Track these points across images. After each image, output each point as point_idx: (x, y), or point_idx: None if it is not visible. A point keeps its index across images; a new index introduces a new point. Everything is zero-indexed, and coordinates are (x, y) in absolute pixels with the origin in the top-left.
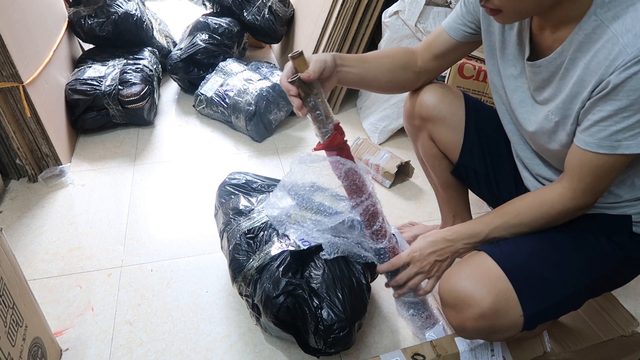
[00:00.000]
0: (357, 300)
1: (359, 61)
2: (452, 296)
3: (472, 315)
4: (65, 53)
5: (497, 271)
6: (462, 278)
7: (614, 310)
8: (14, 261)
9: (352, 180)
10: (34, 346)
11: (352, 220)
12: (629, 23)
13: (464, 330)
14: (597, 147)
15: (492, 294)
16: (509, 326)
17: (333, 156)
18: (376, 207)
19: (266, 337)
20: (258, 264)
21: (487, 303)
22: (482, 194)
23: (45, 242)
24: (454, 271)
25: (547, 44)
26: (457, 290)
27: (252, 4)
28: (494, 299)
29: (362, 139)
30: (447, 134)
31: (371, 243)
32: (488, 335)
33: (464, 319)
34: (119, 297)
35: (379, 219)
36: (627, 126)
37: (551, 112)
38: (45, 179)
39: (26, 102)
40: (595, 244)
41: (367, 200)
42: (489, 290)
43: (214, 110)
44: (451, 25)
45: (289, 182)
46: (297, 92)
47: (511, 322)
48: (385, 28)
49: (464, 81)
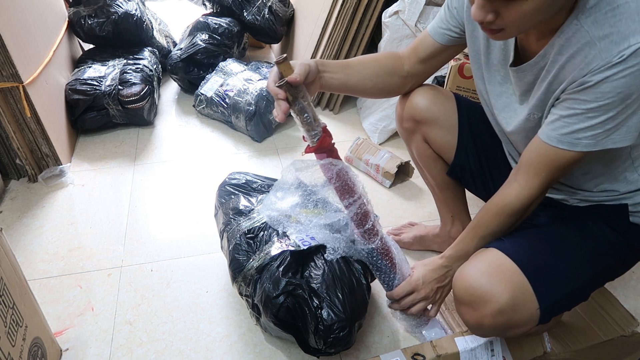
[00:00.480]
0: (357, 300)
1: (341, 67)
2: (469, 294)
3: (490, 312)
4: (65, 53)
5: (511, 265)
6: (478, 275)
7: (614, 310)
8: (14, 261)
9: (344, 181)
10: (34, 346)
11: (346, 219)
12: (607, 30)
13: (481, 328)
14: (557, 142)
15: (509, 289)
16: (526, 320)
17: (324, 158)
18: (367, 207)
19: (266, 337)
20: (258, 264)
21: (505, 298)
22: (479, 192)
23: (45, 242)
24: (468, 268)
25: (532, 49)
26: (473, 287)
27: (252, 4)
28: (511, 294)
29: (362, 139)
30: (441, 135)
31: (363, 243)
32: (505, 331)
33: (481, 316)
34: (119, 297)
35: (370, 218)
36: (590, 126)
37: (532, 113)
38: (45, 179)
39: (26, 102)
40: (599, 233)
41: (358, 200)
42: (505, 285)
43: (214, 110)
44: (435, 29)
45: (283, 184)
46: (285, 95)
47: (528, 316)
48: (385, 28)
49: (464, 81)
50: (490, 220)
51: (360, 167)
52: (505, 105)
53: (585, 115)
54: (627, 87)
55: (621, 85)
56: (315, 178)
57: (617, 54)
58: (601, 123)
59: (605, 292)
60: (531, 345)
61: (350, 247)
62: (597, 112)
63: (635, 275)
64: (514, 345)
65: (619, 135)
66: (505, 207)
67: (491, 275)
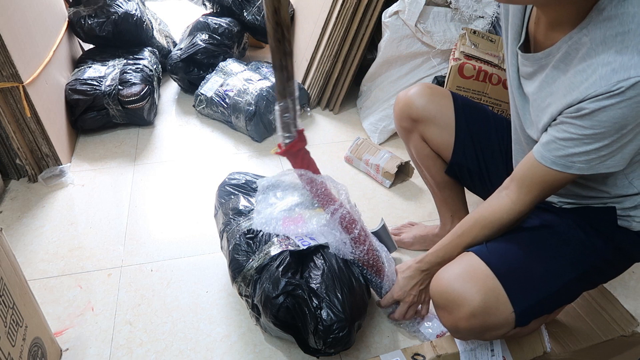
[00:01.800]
0: (356, 300)
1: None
2: (443, 297)
3: (463, 315)
4: (65, 53)
5: (485, 270)
6: (452, 279)
7: (614, 310)
8: (14, 261)
9: (319, 190)
10: (34, 346)
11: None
12: (612, 57)
13: (458, 331)
14: (551, 163)
15: (481, 293)
16: (501, 323)
17: (297, 169)
18: (352, 215)
19: (266, 337)
20: (258, 264)
21: (476, 302)
22: (477, 191)
23: (45, 242)
24: (443, 273)
25: (539, 39)
26: (447, 291)
27: (252, 4)
28: (483, 297)
29: (362, 139)
30: (439, 134)
31: (350, 252)
32: (481, 333)
33: (456, 320)
34: (119, 297)
35: (357, 226)
36: (585, 151)
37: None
38: (45, 179)
39: (26, 102)
40: (584, 236)
41: (340, 209)
42: (478, 289)
43: (214, 110)
44: None
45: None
46: None
47: (503, 319)
48: (385, 28)
49: (464, 81)
50: (477, 232)
51: (360, 167)
52: (513, 80)
53: (580, 140)
54: (623, 118)
55: (618, 115)
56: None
57: (616, 83)
58: (596, 150)
59: (605, 292)
60: (531, 345)
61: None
62: (592, 139)
63: (635, 275)
64: (514, 346)
65: (613, 161)
66: (495, 222)
67: (464, 279)
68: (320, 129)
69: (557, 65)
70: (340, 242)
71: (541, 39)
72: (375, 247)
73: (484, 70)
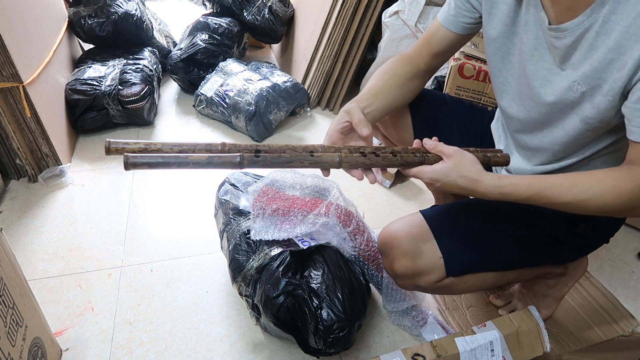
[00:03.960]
0: (356, 300)
1: (372, 96)
2: (382, 242)
3: (396, 255)
4: (65, 53)
5: (420, 221)
6: (392, 228)
7: (614, 310)
8: (14, 261)
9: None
10: (34, 346)
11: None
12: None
13: (396, 275)
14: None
15: (412, 235)
16: (431, 268)
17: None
18: (347, 207)
19: (266, 337)
20: (258, 264)
21: (407, 242)
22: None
23: (45, 242)
24: (389, 225)
25: (566, 5)
26: (385, 237)
27: (252, 4)
28: (413, 238)
29: None
30: (397, 133)
31: (352, 242)
32: (414, 276)
33: (391, 261)
34: (119, 297)
35: (354, 217)
36: None
37: (577, 82)
38: (45, 179)
39: (26, 102)
40: (551, 217)
41: (333, 205)
42: (409, 233)
43: (214, 110)
44: (449, 19)
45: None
46: None
47: (431, 264)
48: (385, 28)
49: (464, 81)
50: (593, 187)
51: None
52: (537, 70)
53: None
54: None
55: None
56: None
57: None
58: None
59: (605, 292)
60: (531, 345)
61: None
62: None
63: (635, 275)
64: (514, 345)
65: None
66: (616, 191)
67: (400, 227)
68: (320, 129)
69: (608, 18)
70: (340, 239)
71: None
72: (374, 239)
73: (484, 70)
